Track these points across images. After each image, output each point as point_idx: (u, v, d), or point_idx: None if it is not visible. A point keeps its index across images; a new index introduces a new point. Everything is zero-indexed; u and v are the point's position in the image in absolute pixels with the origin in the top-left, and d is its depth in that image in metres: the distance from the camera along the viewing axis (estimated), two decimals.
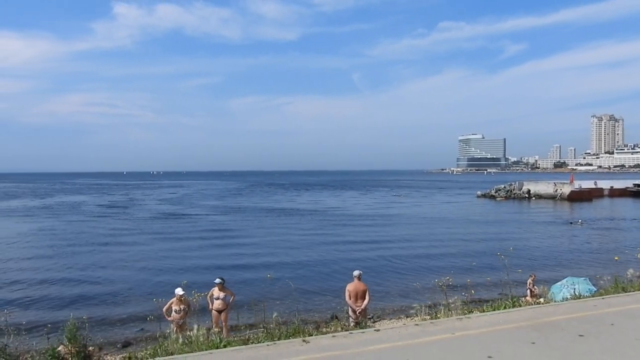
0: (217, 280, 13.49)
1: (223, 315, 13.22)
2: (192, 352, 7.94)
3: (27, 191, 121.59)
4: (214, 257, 29.55)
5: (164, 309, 13.03)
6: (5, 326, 8.84)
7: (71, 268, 26.29)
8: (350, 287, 12.81)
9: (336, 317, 16.43)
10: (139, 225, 45.90)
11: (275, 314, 11.34)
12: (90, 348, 9.19)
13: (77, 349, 7.34)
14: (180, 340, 8.11)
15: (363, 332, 10.04)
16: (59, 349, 11.49)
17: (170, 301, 13.01)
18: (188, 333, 9.62)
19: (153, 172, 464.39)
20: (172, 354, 8.07)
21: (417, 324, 10.78)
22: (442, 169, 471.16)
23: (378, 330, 10.30)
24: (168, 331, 11.78)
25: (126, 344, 14.64)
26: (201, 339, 8.21)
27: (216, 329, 12.24)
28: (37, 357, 8.82)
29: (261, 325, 10.67)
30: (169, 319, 12.92)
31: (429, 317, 12.41)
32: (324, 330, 10.54)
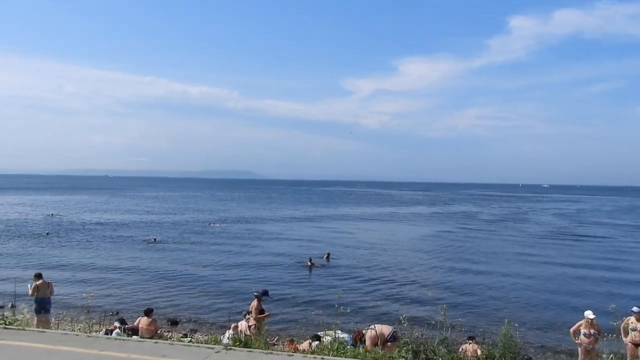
0: (635, 309, 12.00)
1: None
2: None
3: (427, 199, 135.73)
4: (621, 283, 26.59)
5: (572, 330, 12.47)
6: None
7: (456, 273, 28.41)
8: None
9: None
10: (529, 240, 45.11)
11: None
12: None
13: (511, 354, 7.68)
14: None
15: None
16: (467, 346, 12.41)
17: (579, 323, 12.31)
18: None
19: (544, 185, 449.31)
20: None
21: None
22: None
23: None
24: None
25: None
26: None
27: None
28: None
29: None
30: (576, 341, 12.28)
31: None
32: None
